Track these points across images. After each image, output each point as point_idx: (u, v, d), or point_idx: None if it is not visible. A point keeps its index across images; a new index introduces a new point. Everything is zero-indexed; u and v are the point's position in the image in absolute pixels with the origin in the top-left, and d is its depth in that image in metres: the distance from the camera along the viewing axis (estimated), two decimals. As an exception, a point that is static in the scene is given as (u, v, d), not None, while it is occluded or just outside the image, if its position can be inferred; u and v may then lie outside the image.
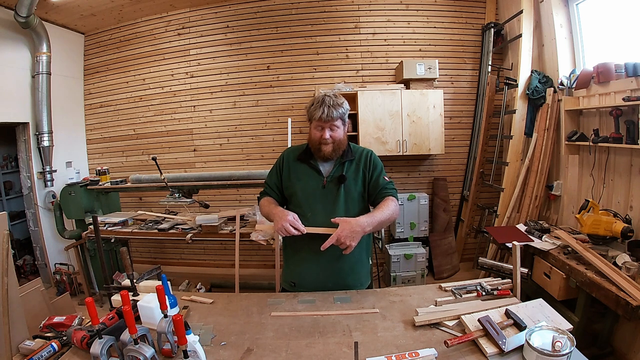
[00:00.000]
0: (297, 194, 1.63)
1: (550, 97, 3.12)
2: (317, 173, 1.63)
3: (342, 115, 1.58)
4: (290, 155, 1.71)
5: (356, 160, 1.66)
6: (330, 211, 1.57)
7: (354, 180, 1.63)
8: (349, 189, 1.61)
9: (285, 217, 1.47)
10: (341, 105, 1.57)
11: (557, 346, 1.01)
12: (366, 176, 1.65)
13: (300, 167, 1.66)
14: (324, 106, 1.53)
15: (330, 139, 1.57)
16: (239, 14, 4.18)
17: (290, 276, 1.69)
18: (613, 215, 2.32)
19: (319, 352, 1.16)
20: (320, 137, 1.57)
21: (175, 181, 3.30)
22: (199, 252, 4.53)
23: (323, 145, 1.57)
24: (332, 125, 1.56)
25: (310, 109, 1.58)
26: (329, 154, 1.59)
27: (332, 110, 1.53)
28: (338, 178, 1.61)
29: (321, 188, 1.61)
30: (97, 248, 3.17)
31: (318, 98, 1.57)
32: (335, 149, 1.59)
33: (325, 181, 1.62)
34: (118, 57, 4.50)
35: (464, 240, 4.27)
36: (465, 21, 4.08)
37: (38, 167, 3.99)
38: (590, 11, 2.96)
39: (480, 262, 1.84)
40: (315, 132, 1.59)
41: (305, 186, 1.63)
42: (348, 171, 1.63)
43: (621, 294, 1.81)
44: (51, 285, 3.94)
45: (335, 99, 1.56)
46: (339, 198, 1.60)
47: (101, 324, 1.14)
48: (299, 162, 1.67)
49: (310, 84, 4.14)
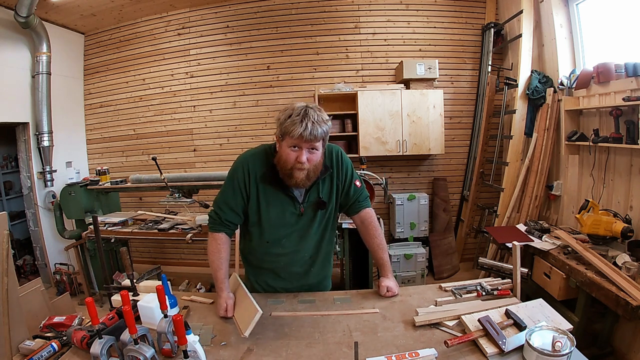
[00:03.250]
0: (269, 222, 1.41)
1: (550, 97, 3.12)
2: (290, 199, 1.40)
3: (325, 134, 1.28)
4: (257, 171, 1.38)
5: (328, 175, 1.43)
6: (305, 235, 1.47)
7: (329, 199, 1.45)
8: (326, 211, 1.46)
9: (221, 305, 1.35)
10: (326, 122, 1.27)
11: (557, 346, 1.01)
12: (339, 188, 1.47)
13: (270, 191, 1.38)
14: (307, 121, 1.21)
15: (307, 163, 1.27)
16: (239, 14, 4.18)
17: (258, 286, 1.58)
18: (613, 215, 2.32)
19: (319, 352, 1.16)
20: (295, 161, 1.26)
21: (175, 181, 3.30)
22: (199, 252, 4.52)
23: (296, 170, 1.28)
24: (313, 146, 1.26)
25: (286, 123, 1.23)
26: (301, 181, 1.30)
27: (316, 127, 1.22)
28: (315, 203, 1.42)
29: (297, 216, 1.42)
30: (97, 248, 3.16)
31: (298, 110, 1.24)
32: (309, 176, 1.31)
33: (303, 209, 1.41)
34: (118, 57, 4.50)
35: (464, 240, 4.27)
36: (465, 21, 4.08)
37: (38, 167, 3.99)
38: (590, 11, 2.96)
39: (480, 262, 1.83)
40: (290, 152, 1.27)
41: (280, 215, 1.41)
42: (323, 191, 1.42)
43: (621, 294, 1.81)
44: (51, 285, 3.94)
45: (320, 114, 1.26)
46: (315, 222, 1.45)
47: (101, 324, 1.14)
48: (267, 184, 1.38)
49: (310, 84, 4.14)
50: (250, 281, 1.60)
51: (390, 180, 4.12)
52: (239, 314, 1.35)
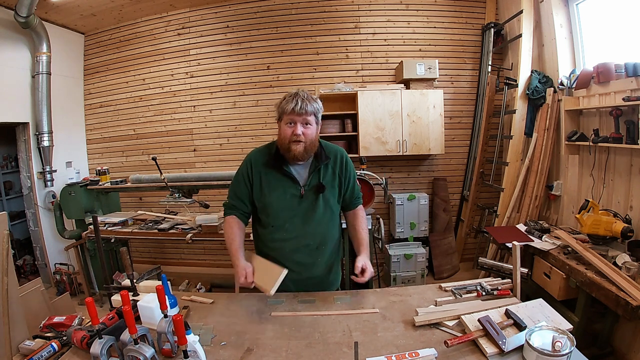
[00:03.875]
0: (272, 205, 1.53)
1: (550, 97, 3.12)
2: (292, 181, 1.53)
3: (316, 111, 1.48)
4: (259, 160, 1.56)
5: (331, 164, 1.58)
6: (309, 220, 1.54)
7: (331, 187, 1.57)
8: (327, 198, 1.56)
9: (240, 272, 1.42)
10: (315, 100, 1.49)
11: (557, 346, 1.01)
12: (342, 183, 1.60)
13: (272, 175, 1.53)
14: (297, 98, 1.43)
15: (303, 136, 1.44)
16: (239, 14, 4.18)
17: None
18: (613, 215, 2.32)
19: (319, 352, 1.16)
20: (292, 134, 1.44)
21: (175, 181, 3.30)
22: (199, 252, 4.52)
23: (293, 144, 1.45)
24: (306, 119, 1.45)
25: (282, 104, 1.47)
26: (299, 154, 1.46)
27: (306, 103, 1.43)
28: (316, 187, 1.53)
29: (299, 198, 1.52)
30: (97, 248, 3.16)
31: (290, 93, 1.48)
32: (307, 148, 1.47)
33: (303, 190, 1.52)
34: (118, 57, 4.50)
35: (464, 240, 4.27)
36: (465, 21, 4.08)
37: (38, 167, 3.99)
38: (590, 11, 2.96)
39: (480, 262, 1.84)
40: (286, 128, 1.46)
41: (282, 197, 1.52)
42: (325, 177, 1.55)
43: (621, 294, 1.81)
44: (51, 285, 3.94)
45: (309, 94, 1.48)
46: (318, 207, 1.54)
47: (101, 324, 1.14)
48: (269, 168, 1.53)
49: (310, 84, 4.13)
50: None
51: (390, 180, 4.13)
52: (259, 278, 1.42)
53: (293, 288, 1.57)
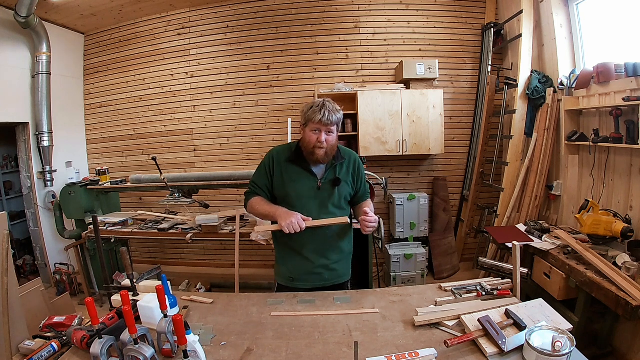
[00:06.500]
0: (290, 195, 1.66)
1: (550, 97, 3.12)
2: (310, 174, 1.67)
3: (338, 121, 1.64)
4: (281, 156, 1.71)
5: (346, 163, 1.72)
6: (324, 210, 1.66)
7: (345, 183, 1.71)
8: (342, 191, 1.69)
9: (291, 213, 1.55)
10: (339, 111, 1.63)
11: (557, 346, 1.01)
12: (355, 180, 1.75)
13: (292, 169, 1.68)
14: (324, 110, 1.57)
15: (325, 143, 1.60)
16: (239, 14, 4.18)
17: (288, 272, 1.73)
18: (613, 215, 2.32)
19: (319, 352, 1.16)
20: (317, 140, 1.59)
21: (175, 181, 3.30)
22: (199, 252, 4.52)
23: (317, 149, 1.60)
24: (329, 128, 1.60)
25: (309, 112, 1.61)
26: (321, 157, 1.62)
27: (332, 114, 1.58)
28: (333, 181, 1.67)
29: (316, 189, 1.66)
30: (97, 248, 3.17)
31: (318, 102, 1.62)
32: (327, 153, 1.63)
33: (320, 183, 1.66)
34: (118, 57, 4.50)
35: (464, 240, 4.27)
36: (465, 21, 4.08)
37: (38, 167, 3.99)
38: (590, 11, 2.96)
39: (480, 262, 1.84)
40: (312, 134, 1.61)
41: (300, 187, 1.66)
42: (340, 173, 1.70)
43: (621, 294, 1.81)
44: (51, 285, 3.94)
45: (334, 105, 1.62)
46: (334, 198, 1.68)
47: (101, 324, 1.14)
48: (290, 163, 1.68)
49: (310, 84, 4.14)
50: (280, 269, 1.77)
51: (390, 180, 4.13)
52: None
53: (308, 278, 1.68)
